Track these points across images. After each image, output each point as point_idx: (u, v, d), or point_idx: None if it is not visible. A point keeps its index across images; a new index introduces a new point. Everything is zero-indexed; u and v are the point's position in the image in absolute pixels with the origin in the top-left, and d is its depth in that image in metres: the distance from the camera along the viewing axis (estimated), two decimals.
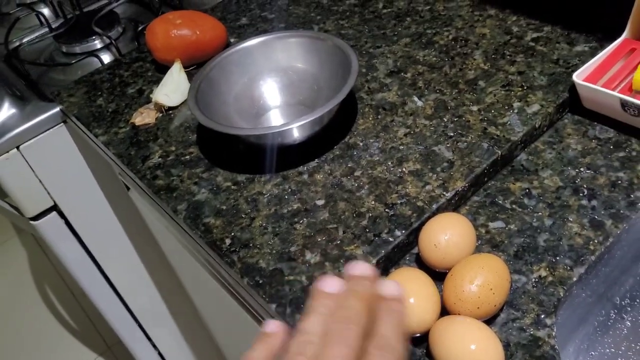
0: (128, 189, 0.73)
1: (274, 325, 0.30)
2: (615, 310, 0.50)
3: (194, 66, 0.66)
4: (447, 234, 0.40)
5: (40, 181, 0.74)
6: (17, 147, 0.71)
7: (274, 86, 0.57)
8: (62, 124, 0.73)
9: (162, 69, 0.67)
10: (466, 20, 0.64)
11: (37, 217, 0.77)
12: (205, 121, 0.49)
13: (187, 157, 0.55)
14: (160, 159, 0.55)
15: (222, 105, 0.55)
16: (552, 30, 0.59)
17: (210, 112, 0.52)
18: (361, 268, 0.30)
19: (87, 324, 1.52)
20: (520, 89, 0.53)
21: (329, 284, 0.30)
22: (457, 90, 0.55)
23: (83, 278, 0.84)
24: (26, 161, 0.72)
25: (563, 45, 0.57)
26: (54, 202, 0.77)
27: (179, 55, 0.63)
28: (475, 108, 0.53)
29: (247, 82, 0.56)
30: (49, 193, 0.76)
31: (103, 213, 0.82)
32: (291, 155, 0.52)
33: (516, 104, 0.52)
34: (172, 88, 0.61)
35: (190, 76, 0.64)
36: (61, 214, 0.79)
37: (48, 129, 0.72)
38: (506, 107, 0.52)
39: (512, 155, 0.49)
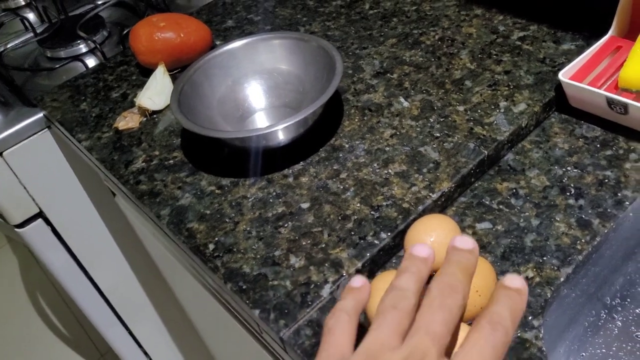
0: (114, 194, 0.72)
1: (360, 280, 0.31)
2: (606, 310, 0.50)
3: (179, 69, 0.65)
4: (432, 236, 0.40)
5: (24, 188, 0.74)
6: (1, 154, 0.70)
7: (258, 89, 0.56)
8: (46, 129, 0.72)
9: (147, 72, 0.66)
10: (453, 20, 0.63)
11: (22, 225, 0.76)
12: (188, 124, 0.48)
13: (171, 161, 0.54)
14: (143, 164, 0.54)
15: (206, 109, 0.54)
16: (538, 29, 0.59)
17: (193, 116, 0.52)
18: (464, 242, 0.30)
19: (80, 332, 1.51)
20: (506, 88, 0.53)
21: (420, 249, 0.31)
22: (443, 91, 0.54)
23: (70, 285, 0.83)
24: (10, 168, 0.71)
25: (549, 43, 0.57)
26: (40, 208, 0.76)
27: (163, 58, 0.63)
28: (461, 108, 0.52)
29: (231, 85, 0.56)
30: (34, 200, 0.75)
31: (89, 219, 0.81)
32: (276, 158, 0.51)
33: (502, 104, 0.51)
34: (156, 91, 0.60)
35: (174, 79, 0.63)
36: (47, 221, 0.78)
37: (32, 135, 0.71)
38: (492, 107, 0.51)
39: (499, 155, 0.49)
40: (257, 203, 0.48)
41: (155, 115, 0.60)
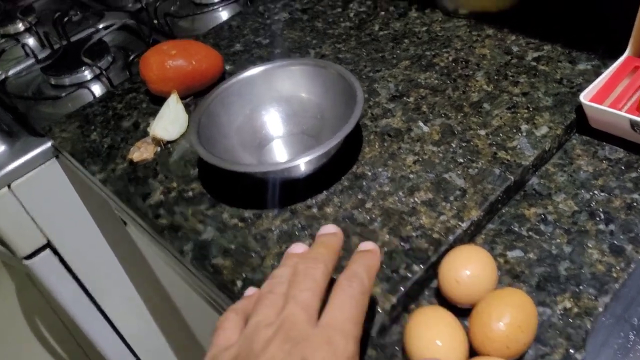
0: (125, 223, 0.71)
1: (252, 290, 0.36)
2: (634, 332, 0.50)
3: (191, 96, 0.64)
4: (468, 269, 0.39)
5: (32, 219, 0.72)
6: (8, 186, 0.69)
7: (276, 116, 0.56)
8: (53, 158, 0.71)
9: (157, 100, 0.65)
10: (465, 40, 0.63)
11: (30, 256, 0.75)
12: (209, 158, 0.48)
13: (190, 193, 0.53)
14: (161, 196, 0.53)
15: (224, 138, 0.54)
16: (552, 49, 0.59)
17: (211, 146, 0.51)
18: (327, 228, 0.36)
19: (82, 357, 1.48)
20: (526, 110, 0.53)
21: (297, 247, 0.36)
22: (462, 114, 0.54)
23: (80, 316, 0.81)
24: (18, 199, 0.70)
25: (565, 64, 0.57)
26: (47, 239, 0.75)
27: (175, 86, 0.62)
28: (482, 132, 0.52)
29: (249, 113, 0.55)
30: (41, 230, 0.74)
31: (99, 248, 0.79)
32: (298, 188, 0.50)
33: (524, 127, 0.51)
34: (170, 121, 0.59)
35: (187, 107, 0.63)
36: (55, 251, 0.76)
37: (39, 165, 0.70)
38: (514, 130, 0.51)
39: (524, 179, 0.49)
40: (283, 236, 0.47)
41: (169, 145, 0.59)
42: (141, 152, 0.58)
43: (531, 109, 0.53)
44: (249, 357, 0.28)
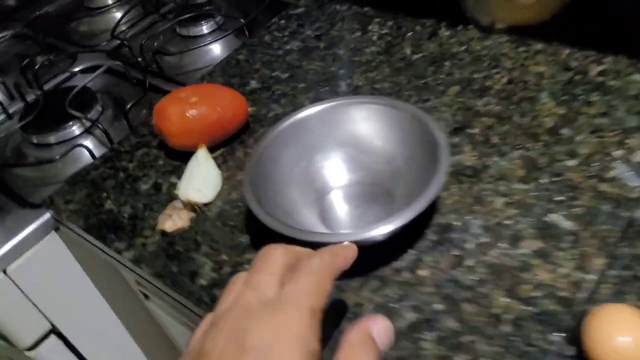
0: (147, 297, 0.61)
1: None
2: None
3: (220, 149, 0.56)
4: (625, 335, 0.33)
5: (34, 304, 0.62)
6: (4, 271, 0.58)
7: (337, 163, 0.48)
8: (53, 231, 0.61)
9: (175, 154, 0.57)
10: (514, 58, 0.58)
11: (33, 347, 0.64)
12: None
13: (247, 266, 0.45)
14: (213, 274, 0.45)
15: (277, 194, 0.46)
16: (615, 61, 0.55)
17: (263, 204, 0.43)
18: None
19: None
20: (612, 133, 0.48)
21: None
22: (541, 143, 0.49)
23: None
24: (16, 285, 0.59)
25: (636, 76, 0.52)
26: (52, 324, 0.64)
27: (200, 139, 0.54)
28: (572, 163, 0.46)
29: (305, 163, 0.48)
30: (45, 315, 0.63)
31: (111, 328, 0.69)
32: (379, 249, 0.43)
33: (616, 153, 0.46)
34: (202, 180, 0.51)
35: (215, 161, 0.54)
36: (60, 336, 0.66)
37: (38, 242, 0.60)
38: (607, 158, 0.46)
39: (634, 213, 0.43)
40: (379, 310, 0.40)
41: (204, 207, 0.51)
42: (174, 221, 0.50)
43: (618, 131, 0.48)
44: (200, 357, 0.27)
